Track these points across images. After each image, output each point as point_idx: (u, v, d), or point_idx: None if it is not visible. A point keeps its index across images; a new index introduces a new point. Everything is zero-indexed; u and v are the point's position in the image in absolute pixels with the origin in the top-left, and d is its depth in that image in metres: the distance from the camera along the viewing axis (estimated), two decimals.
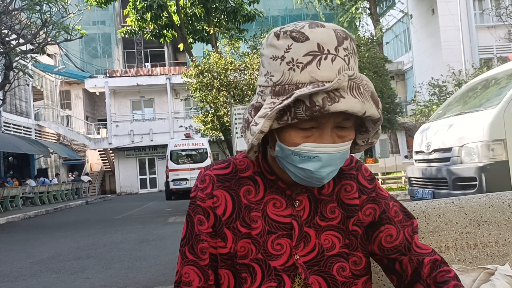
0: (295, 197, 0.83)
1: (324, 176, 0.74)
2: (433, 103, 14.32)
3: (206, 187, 0.83)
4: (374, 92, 0.73)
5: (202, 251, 0.81)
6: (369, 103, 0.70)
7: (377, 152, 24.08)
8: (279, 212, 0.82)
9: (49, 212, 13.42)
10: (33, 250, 6.11)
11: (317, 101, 0.68)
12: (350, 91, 0.69)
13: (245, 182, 0.83)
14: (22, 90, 19.75)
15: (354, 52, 0.74)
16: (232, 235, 0.81)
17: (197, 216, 0.82)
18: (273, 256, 0.81)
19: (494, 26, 17.71)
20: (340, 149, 0.74)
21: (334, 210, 0.84)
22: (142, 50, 28.43)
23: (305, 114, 0.69)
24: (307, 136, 0.73)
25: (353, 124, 0.75)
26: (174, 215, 9.89)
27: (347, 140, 0.75)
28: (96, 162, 26.30)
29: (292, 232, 0.81)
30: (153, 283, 3.87)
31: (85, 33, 13.38)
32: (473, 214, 1.12)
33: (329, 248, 0.83)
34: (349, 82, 0.69)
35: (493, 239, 1.11)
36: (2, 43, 11.48)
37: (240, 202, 0.82)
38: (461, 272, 0.92)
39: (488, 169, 3.91)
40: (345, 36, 0.72)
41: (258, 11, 14.32)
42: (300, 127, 0.73)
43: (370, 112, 0.71)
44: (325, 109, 0.68)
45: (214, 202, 0.82)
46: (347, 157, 0.78)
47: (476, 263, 1.08)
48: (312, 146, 0.73)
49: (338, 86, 0.68)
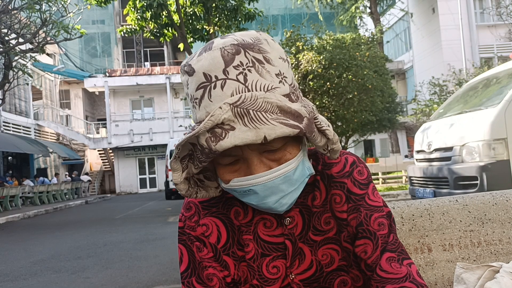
0: (285, 214, 0.75)
1: (275, 205, 0.67)
2: (433, 102, 14.32)
3: (193, 215, 0.77)
4: (284, 106, 0.62)
5: (208, 278, 0.74)
6: (268, 126, 0.60)
7: (377, 152, 24.09)
8: (270, 232, 0.76)
9: (48, 212, 13.41)
10: (33, 250, 6.10)
11: (203, 144, 0.62)
12: (241, 119, 0.60)
13: (233, 203, 0.77)
14: (21, 90, 19.74)
15: (256, 62, 0.64)
16: (233, 261, 0.76)
17: (195, 243, 0.76)
18: (269, 281, 0.75)
19: (494, 25, 17.71)
20: (275, 174, 0.65)
21: (329, 221, 0.76)
22: (142, 50, 28.42)
23: (202, 156, 0.64)
24: (235, 170, 0.67)
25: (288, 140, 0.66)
26: (174, 214, 9.88)
27: (283, 161, 0.66)
28: (95, 162, 26.30)
29: (286, 252, 0.75)
30: (153, 282, 3.86)
31: (84, 32, 13.36)
32: (477, 212, 1.11)
33: (328, 263, 0.76)
34: (234, 109, 0.60)
35: (497, 237, 1.10)
36: (2, 42, 11.47)
37: (233, 224, 0.76)
38: (466, 270, 0.91)
39: (489, 168, 3.90)
40: (235, 51, 0.63)
41: (258, 10, 14.31)
42: (223, 164, 0.67)
43: (274, 135, 0.60)
44: (213, 150, 0.61)
45: (204, 231, 0.76)
46: (302, 177, 0.69)
47: (480, 261, 1.08)
48: (241, 181, 0.66)
49: (216, 121, 0.60)
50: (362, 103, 11.15)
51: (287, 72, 0.68)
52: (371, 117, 11.97)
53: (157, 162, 23.97)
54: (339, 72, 10.56)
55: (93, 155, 26.13)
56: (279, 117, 0.61)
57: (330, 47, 10.98)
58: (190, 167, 0.69)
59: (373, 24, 19.31)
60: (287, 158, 0.66)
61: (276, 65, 0.66)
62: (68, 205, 15.56)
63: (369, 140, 23.07)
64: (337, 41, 11.45)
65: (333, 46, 11.07)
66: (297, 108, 0.63)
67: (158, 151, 23.58)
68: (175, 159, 0.67)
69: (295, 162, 0.67)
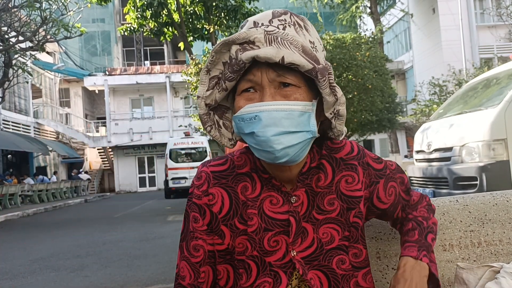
0: (292, 192, 0.81)
1: (270, 138, 0.70)
2: (433, 102, 14.32)
3: (202, 184, 0.83)
4: (307, 47, 0.72)
5: (195, 248, 0.82)
6: (289, 51, 0.70)
7: (377, 152, 24.10)
8: (275, 209, 0.81)
9: (48, 210, 13.40)
10: (32, 248, 6.10)
11: (232, 54, 0.72)
12: (268, 43, 0.70)
13: (242, 179, 0.83)
14: (21, 88, 19.72)
15: (297, 24, 0.76)
16: (230, 232, 0.81)
17: (192, 213, 0.83)
18: (268, 253, 0.80)
19: (494, 26, 17.70)
20: (282, 107, 0.71)
21: (333, 202, 0.82)
22: (142, 48, 28.39)
23: (229, 72, 0.73)
24: (250, 99, 0.74)
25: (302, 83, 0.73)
26: (174, 213, 9.88)
27: (292, 99, 0.72)
28: (95, 161, 26.28)
29: (289, 229, 0.80)
30: (152, 281, 3.86)
31: (84, 30, 13.35)
32: (477, 212, 1.11)
33: (328, 241, 0.81)
34: (266, 36, 0.70)
35: (497, 238, 1.10)
36: (2, 40, 11.45)
37: (238, 198, 0.81)
38: (466, 270, 0.91)
39: (489, 169, 3.90)
40: (283, 12, 0.76)
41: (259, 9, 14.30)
42: (243, 91, 0.74)
43: (291, 59, 0.69)
44: (238, 59, 0.71)
45: (210, 200, 0.81)
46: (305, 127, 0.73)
47: (480, 261, 1.07)
48: (252, 107, 0.72)
49: (248, 36, 0.70)
50: (362, 103, 11.15)
51: (319, 48, 0.79)
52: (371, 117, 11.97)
53: (157, 161, 23.95)
54: (339, 72, 10.55)
55: (93, 153, 26.11)
56: (300, 51, 0.71)
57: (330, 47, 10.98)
58: (215, 92, 0.77)
59: (373, 24, 19.30)
60: (296, 97, 0.73)
61: (312, 35, 0.78)
62: (67, 203, 15.55)
63: (369, 140, 23.07)
64: (337, 41, 11.45)
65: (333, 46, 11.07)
66: (318, 55, 0.74)
67: (157, 150, 23.56)
68: (206, 70, 0.76)
69: (302, 106, 0.73)
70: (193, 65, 11.40)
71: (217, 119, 0.81)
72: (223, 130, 0.82)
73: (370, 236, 1.05)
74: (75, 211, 12.74)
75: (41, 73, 21.94)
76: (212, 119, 0.80)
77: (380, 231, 1.06)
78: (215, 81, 0.76)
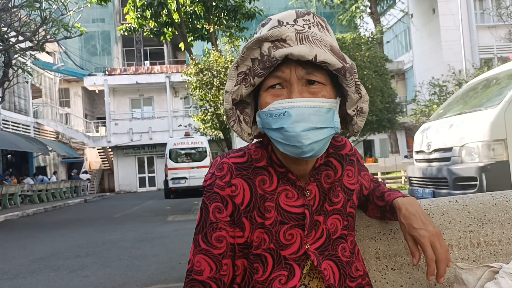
0: (306, 187, 0.85)
1: (300, 133, 0.73)
2: (433, 102, 14.32)
3: (224, 175, 0.82)
4: (335, 47, 0.76)
5: (218, 239, 0.80)
6: (321, 49, 0.73)
7: (377, 152, 24.09)
8: (291, 203, 0.83)
9: (47, 210, 13.40)
10: (32, 248, 6.09)
11: (264, 51, 0.74)
12: (299, 41, 0.73)
13: (260, 172, 0.84)
14: (21, 88, 19.71)
15: (319, 25, 0.79)
16: (250, 225, 0.82)
17: (214, 204, 0.81)
18: (284, 246, 0.82)
19: (494, 26, 17.71)
20: (310, 104, 0.74)
21: (338, 194, 0.88)
22: (142, 48, 28.39)
23: (259, 68, 0.75)
24: (277, 95, 0.76)
25: (327, 81, 0.77)
26: (173, 213, 9.88)
27: (319, 96, 0.76)
28: (95, 161, 26.27)
29: (303, 222, 0.83)
30: (152, 281, 3.86)
31: (84, 30, 13.34)
32: (477, 212, 1.11)
33: (333, 231, 0.87)
34: (297, 34, 0.73)
35: (497, 238, 1.10)
36: (2, 40, 11.44)
37: (256, 191, 0.82)
38: (466, 270, 0.91)
39: (489, 169, 3.90)
40: (306, 13, 0.79)
41: (258, 9, 14.29)
42: (269, 87, 0.77)
43: (323, 57, 0.72)
44: (271, 56, 0.73)
45: (233, 191, 0.81)
46: (330, 123, 0.77)
47: (480, 261, 1.07)
48: (280, 103, 0.75)
49: (280, 34, 0.73)
50: None
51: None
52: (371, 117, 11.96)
53: (157, 161, 23.94)
54: None
55: (93, 153, 26.10)
56: (329, 50, 0.74)
57: None
58: (241, 88, 0.79)
59: (373, 24, 19.30)
60: (324, 94, 0.77)
61: (332, 36, 0.82)
62: (67, 203, 15.55)
63: (369, 140, 23.07)
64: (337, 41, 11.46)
65: None
66: (344, 55, 0.77)
67: (157, 150, 23.55)
68: (235, 66, 0.78)
69: (329, 103, 0.77)
70: (193, 65, 11.40)
71: (238, 114, 0.83)
72: (243, 125, 0.83)
73: (369, 237, 1.05)
74: (74, 211, 12.74)
75: (41, 73, 21.93)
76: (235, 113, 0.82)
77: (379, 231, 1.06)
78: (242, 77, 0.78)
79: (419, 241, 0.84)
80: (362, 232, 1.06)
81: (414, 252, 0.86)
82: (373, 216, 1.03)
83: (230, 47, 12.56)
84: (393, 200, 0.91)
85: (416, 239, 0.85)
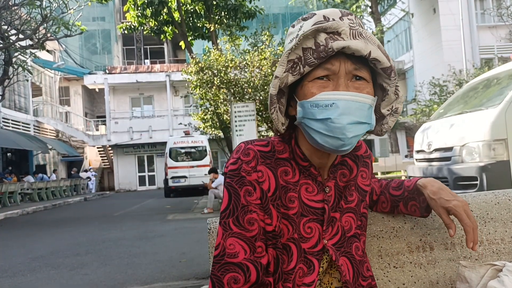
0: (325, 183, 0.87)
1: (346, 125, 0.75)
2: (433, 102, 14.32)
3: (250, 160, 0.81)
4: (380, 45, 0.78)
5: (250, 222, 0.79)
6: (373, 47, 0.75)
7: (377, 152, 24.09)
8: (310, 197, 0.85)
9: (47, 208, 13.40)
10: (32, 246, 6.09)
11: (321, 41, 0.75)
12: (353, 37, 0.75)
13: (282, 163, 0.84)
14: (21, 86, 19.69)
15: (360, 26, 0.80)
16: (277, 213, 0.82)
17: (245, 187, 0.80)
18: (304, 238, 0.83)
19: (495, 26, 17.69)
20: (357, 98, 0.76)
21: (352, 193, 0.90)
22: (142, 47, 28.36)
23: (312, 57, 0.75)
24: (323, 86, 0.77)
25: (370, 79, 0.79)
26: (173, 212, 9.88)
27: (364, 92, 0.77)
28: (94, 159, 26.27)
29: (322, 217, 0.85)
30: (151, 279, 3.85)
31: (84, 29, 13.33)
32: (479, 211, 1.11)
33: (348, 229, 0.88)
34: (351, 30, 0.75)
35: (499, 236, 1.10)
36: (2, 38, 11.43)
37: (278, 182, 0.83)
38: (469, 268, 0.91)
39: (489, 169, 3.90)
40: (349, 13, 0.80)
41: (259, 8, 14.27)
42: (316, 78, 0.77)
43: (376, 54, 0.75)
44: (328, 47, 0.74)
45: (259, 177, 0.81)
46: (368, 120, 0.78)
47: (482, 260, 1.07)
48: (328, 94, 0.76)
49: (338, 27, 0.75)
50: None
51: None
52: None
53: (156, 160, 23.93)
54: None
55: (92, 152, 26.09)
56: (379, 49, 0.77)
57: None
58: (288, 75, 0.79)
59: (374, 24, 19.28)
60: (368, 91, 0.78)
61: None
62: (67, 201, 15.55)
63: (369, 140, 23.07)
64: None
65: None
66: (389, 56, 0.79)
67: (157, 148, 23.55)
68: (288, 52, 0.78)
69: (371, 100, 0.78)
70: (193, 64, 11.39)
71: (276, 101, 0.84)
72: (279, 113, 0.83)
73: (371, 234, 1.05)
74: (74, 210, 12.73)
75: (41, 71, 21.91)
76: (276, 101, 0.82)
77: (382, 229, 1.06)
78: (290, 65, 0.78)
79: (454, 211, 0.87)
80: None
81: (449, 224, 0.88)
82: (381, 210, 1.05)
83: (231, 46, 12.54)
84: (416, 182, 0.94)
85: (451, 210, 0.87)
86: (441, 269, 1.06)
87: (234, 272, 0.77)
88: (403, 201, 0.98)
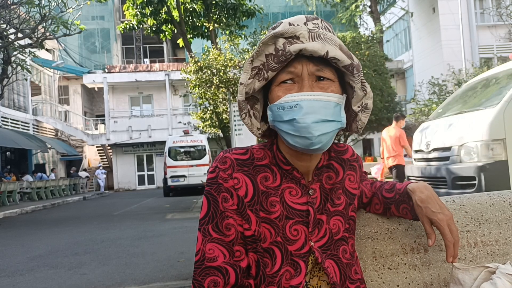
0: (309, 185, 0.88)
1: (310, 124, 0.77)
2: (433, 102, 14.32)
3: (227, 168, 0.85)
4: (342, 45, 0.80)
5: (227, 227, 0.83)
6: (331, 47, 0.78)
7: (376, 151, 24.10)
8: (295, 200, 0.86)
9: (46, 208, 13.39)
10: (30, 246, 6.09)
11: (280, 46, 0.78)
12: (311, 39, 0.78)
13: (262, 170, 0.87)
14: (20, 85, 19.67)
15: (327, 29, 0.83)
16: (256, 218, 0.84)
17: (222, 194, 0.84)
18: (290, 241, 0.84)
19: (494, 26, 17.69)
20: (320, 97, 0.78)
21: (340, 196, 0.92)
22: (141, 46, 28.34)
23: (274, 62, 0.79)
24: (289, 89, 0.80)
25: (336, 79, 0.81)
26: (172, 211, 9.88)
27: (328, 91, 0.80)
28: (94, 158, 26.24)
29: (308, 219, 0.86)
30: (150, 279, 3.86)
31: (84, 28, 13.30)
32: (474, 212, 1.11)
33: (336, 232, 0.89)
34: (309, 33, 0.79)
35: (494, 238, 1.10)
36: (1, 37, 11.41)
37: (258, 188, 0.85)
38: (462, 270, 0.91)
39: (488, 169, 3.90)
40: (315, 17, 0.83)
41: (258, 7, 14.27)
42: (281, 82, 0.81)
43: (334, 54, 0.77)
44: (286, 51, 0.77)
45: (235, 183, 0.84)
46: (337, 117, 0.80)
47: (477, 261, 1.07)
48: (292, 96, 0.79)
49: (295, 31, 0.78)
50: None
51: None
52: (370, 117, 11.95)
53: (156, 159, 23.93)
54: None
55: (92, 151, 26.07)
56: (339, 49, 0.79)
57: None
58: (254, 82, 0.82)
59: (373, 23, 19.27)
60: (332, 90, 0.81)
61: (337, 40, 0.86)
62: (66, 201, 15.54)
63: (368, 139, 23.08)
64: None
65: None
66: (352, 54, 0.82)
67: (156, 148, 23.54)
68: (250, 60, 0.82)
69: (337, 98, 0.81)
70: (193, 63, 11.38)
71: (249, 108, 0.86)
72: (253, 119, 0.87)
73: (366, 236, 1.05)
74: (73, 209, 12.73)
75: (40, 70, 21.88)
76: (246, 107, 0.85)
77: (376, 230, 1.06)
78: (256, 71, 0.82)
79: (438, 224, 0.88)
80: (359, 232, 1.05)
81: (430, 234, 0.89)
82: (374, 211, 1.05)
83: (230, 45, 12.53)
84: (406, 186, 0.95)
85: (435, 223, 0.88)
86: (435, 271, 1.06)
87: (214, 276, 0.81)
88: (395, 203, 0.99)
